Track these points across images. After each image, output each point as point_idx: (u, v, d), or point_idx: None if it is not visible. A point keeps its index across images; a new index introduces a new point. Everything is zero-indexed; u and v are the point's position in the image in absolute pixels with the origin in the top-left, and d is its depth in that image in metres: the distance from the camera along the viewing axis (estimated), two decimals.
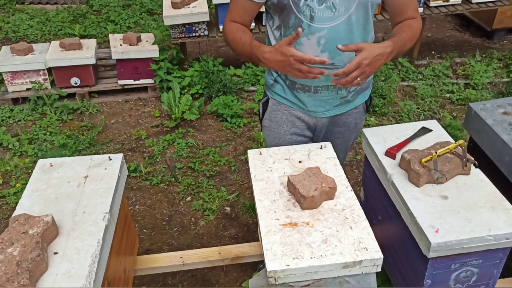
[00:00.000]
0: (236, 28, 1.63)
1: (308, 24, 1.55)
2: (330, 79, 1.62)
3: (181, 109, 3.53)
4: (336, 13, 1.53)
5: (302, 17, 1.55)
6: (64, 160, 1.67)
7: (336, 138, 1.88)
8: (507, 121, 1.86)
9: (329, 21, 1.54)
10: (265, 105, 1.85)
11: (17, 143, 3.31)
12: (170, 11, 3.72)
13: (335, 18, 1.53)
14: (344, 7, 1.52)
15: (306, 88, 1.70)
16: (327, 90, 1.69)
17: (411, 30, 1.59)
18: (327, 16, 1.53)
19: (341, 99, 1.74)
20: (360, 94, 1.79)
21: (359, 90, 1.77)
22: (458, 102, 3.75)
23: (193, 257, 1.86)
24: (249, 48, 1.56)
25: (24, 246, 1.24)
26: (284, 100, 1.78)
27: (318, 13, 1.53)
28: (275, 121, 1.83)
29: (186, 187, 2.94)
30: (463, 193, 1.49)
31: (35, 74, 3.71)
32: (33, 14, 5.40)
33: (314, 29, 1.55)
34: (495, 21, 4.59)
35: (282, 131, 1.83)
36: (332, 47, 1.57)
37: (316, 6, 1.52)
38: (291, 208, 1.43)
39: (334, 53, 1.58)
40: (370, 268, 1.28)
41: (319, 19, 1.53)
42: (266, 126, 1.88)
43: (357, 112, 1.83)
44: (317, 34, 1.56)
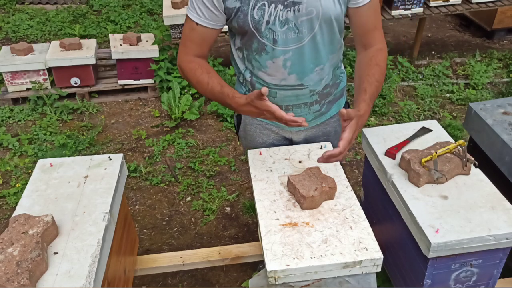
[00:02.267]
0: (196, 67, 1.52)
1: (272, 47, 1.49)
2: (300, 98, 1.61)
3: (181, 109, 3.53)
4: (300, 35, 1.47)
5: (265, 41, 1.49)
6: (64, 160, 1.67)
7: None
8: (507, 121, 1.86)
9: (294, 43, 1.48)
10: (239, 118, 1.82)
11: (17, 143, 3.31)
12: (170, 11, 3.72)
13: (299, 39, 1.48)
14: (307, 28, 1.46)
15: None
16: (299, 108, 1.65)
17: (380, 72, 1.50)
18: (290, 38, 1.47)
19: (314, 113, 1.70)
20: (334, 104, 1.74)
21: (332, 100, 1.71)
22: (458, 102, 3.75)
23: (193, 257, 1.86)
24: (221, 96, 1.48)
25: (24, 246, 1.24)
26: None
27: (281, 36, 1.47)
28: (250, 134, 1.80)
29: (186, 187, 2.94)
30: (463, 193, 1.49)
31: (35, 74, 3.71)
32: (33, 14, 5.40)
33: (279, 52, 1.50)
34: (495, 21, 4.59)
35: (258, 144, 1.80)
36: (299, 68, 1.53)
37: (278, 29, 1.45)
38: (291, 208, 1.43)
39: (302, 74, 1.54)
40: (370, 268, 1.28)
41: (283, 41, 1.48)
42: (242, 137, 1.86)
43: (335, 121, 1.78)
44: (282, 57, 1.51)
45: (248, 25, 1.46)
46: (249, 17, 1.44)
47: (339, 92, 1.73)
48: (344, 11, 1.50)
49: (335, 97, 1.73)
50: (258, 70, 1.57)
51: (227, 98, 1.46)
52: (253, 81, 1.61)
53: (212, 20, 1.49)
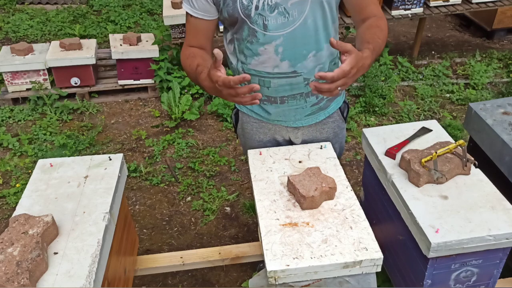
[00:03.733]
0: (188, 53, 1.53)
1: (263, 33, 1.48)
2: (294, 88, 1.59)
3: (181, 109, 3.53)
4: (290, 18, 1.45)
5: (255, 27, 1.47)
6: (64, 160, 1.67)
7: None
8: (507, 121, 1.86)
9: (284, 28, 1.46)
10: (236, 116, 1.83)
11: (17, 143, 3.31)
12: (170, 11, 3.72)
13: (290, 23, 1.46)
14: (298, 11, 1.44)
15: (272, 100, 1.64)
16: (294, 99, 1.63)
17: (381, 31, 1.47)
18: (281, 22, 1.45)
19: (312, 107, 1.67)
20: (333, 101, 1.73)
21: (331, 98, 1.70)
22: (458, 102, 3.75)
23: (193, 257, 1.86)
24: (194, 75, 1.47)
25: (24, 246, 1.24)
26: (251, 113, 1.75)
27: (271, 21, 1.45)
28: (247, 132, 1.80)
29: (186, 187, 2.94)
30: (463, 193, 1.49)
31: (35, 74, 3.71)
32: (33, 14, 5.40)
33: (270, 38, 1.48)
34: (495, 21, 4.59)
35: (255, 142, 1.80)
36: (291, 54, 1.51)
37: (268, 14, 1.44)
38: (291, 208, 1.43)
39: (295, 61, 1.52)
40: (370, 268, 1.28)
41: (273, 26, 1.46)
42: (240, 135, 1.87)
43: (333, 121, 1.76)
44: (273, 43, 1.49)
45: (237, 11, 1.45)
46: (238, 4, 1.44)
47: None
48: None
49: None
50: (251, 59, 1.55)
51: (197, 74, 1.44)
52: (246, 73, 1.57)
53: (204, 11, 1.50)
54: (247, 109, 1.75)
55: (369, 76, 3.86)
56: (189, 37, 1.57)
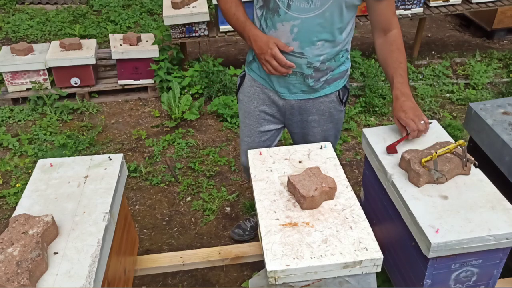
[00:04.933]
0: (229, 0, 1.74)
1: (285, 11, 1.63)
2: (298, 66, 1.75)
3: (181, 109, 3.53)
4: (312, 6, 1.60)
5: (280, 4, 1.63)
6: (64, 160, 1.67)
7: (313, 127, 1.95)
8: (507, 121, 1.86)
9: (304, 12, 1.62)
10: (242, 79, 1.98)
11: (17, 143, 3.31)
12: (170, 11, 3.72)
13: (310, 10, 1.61)
14: (320, 2, 1.60)
15: None
16: (295, 75, 1.78)
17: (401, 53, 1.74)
18: (303, 7, 1.61)
19: (308, 86, 1.81)
20: (331, 84, 1.85)
21: (329, 80, 1.83)
22: (458, 102, 3.75)
23: (193, 257, 1.86)
24: (243, 25, 1.72)
25: (24, 246, 1.24)
26: (258, 78, 1.90)
27: (295, 3, 1.61)
28: (248, 96, 1.95)
29: (186, 187, 2.94)
30: (463, 193, 1.49)
31: (35, 74, 3.71)
32: (33, 14, 5.40)
33: (289, 17, 1.64)
34: (495, 21, 4.59)
35: (252, 106, 1.95)
36: (303, 37, 1.66)
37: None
38: (291, 208, 1.43)
39: (304, 43, 1.68)
40: (370, 268, 1.28)
41: (295, 8, 1.61)
42: (240, 99, 2.03)
43: (330, 101, 1.88)
44: (291, 22, 1.64)
45: None
46: None
47: (337, 74, 1.84)
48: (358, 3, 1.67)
49: (332, 77, 1.83)
50: (269, 30, 1.71)
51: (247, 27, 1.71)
52: None
53: None
54: (255, 74, 1.91)
55: (369, 76, 3.86)
56: None
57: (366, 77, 3.87)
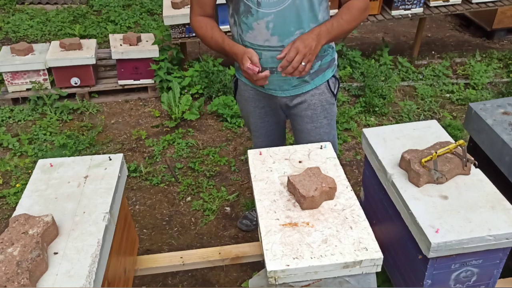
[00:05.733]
0: (204, 24, 1.79)
1: (256, 9, 1.66)
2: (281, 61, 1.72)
3: (181, 109, 3.53)
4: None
5: (250, 4, 1.66)
6: (64, 160, 1.67)
7: (306, 123, 1.95)
8: (507, 121, 1.86)
9: (275, 6, 1.65)
10: (236, 83, 2.03)
11: (17, 143, 3.31)
12: (170, 11, 3.72)
13: (280, 3, 1.64)
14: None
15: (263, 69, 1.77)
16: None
17: (348, 12, 1.68)
18: (272, 1, 1.64)
19: (297, 79, 1.82)
20: (319, 75, 1.86)
21: (318, 71, 1.84)
22: (458, 102, 3.75)
23: (193, 257, 1.86)
24: (222, 45, 1.75)
25: (24, 246, 1.24)
26: (248, 81, 1.91)
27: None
28: (245, 99, 2.01)
29: (186, 187, 2.94)
30: (463, 193, 1.49)
31: (35, 74, 3.71)
32: (33, 14, 5.40)
33: (262, 14, 1.66)
34: (495, 21, 4.59)
35: (251, 107, 2.01)
36: (280, 30, 1.68)
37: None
38: (291, 208, 1.43)
39: (283, 36, 1.69)
40: (370, 268, 1.28)
41: (266, 4, 1.65)
42: (238, 101, 2.09)
43: (321, 93, 1.89)
44: (265, 19, 1.67)
45: None
46: None
47: (325, 64, 1.86)
48: None
49: (320, 68, 1.85)
50: (246, 32, 1.74)
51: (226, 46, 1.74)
52: (243, 44, 1.77)
53: None
54: (245, 78, 1.93)
55: (369, 76, 3.86)
56: (195, 8, 1.81)
57: (366, 77, 3.87)
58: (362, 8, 1.70)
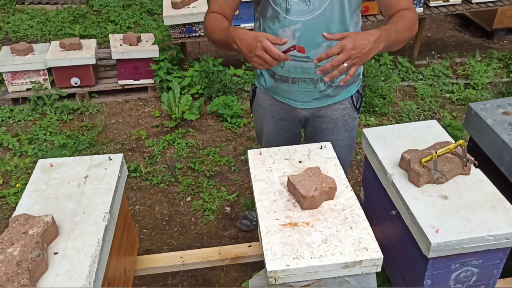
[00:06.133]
0: (215, 17, 1.65)
1: (284, 16, 1.59)
2: (305, 72, 1.68)
3: (181, 109, 3.53)
4: (311, 7, 1.56)
5: (278, 9, 1.59)
6: (64, 160, 1.67)
7: (326, 135, 1.88)
8: (507, 121, 1.86)
9: (304, 15, 1.57)
10: (254, 92, 1.94)
11: (17, 143, 3.31)
12: (170, 11, 3.72)
13: (310, 11, 1.56)
14: (319, 1, 1.55)
15: (284, 79, 1.74)
16: (304, 82, 1.72)
17: (403, 20, 1.54)
18: (302, 9, 1.56)
19: (320, 92, 1.75)
20: (343, 89, 1.79)
21: (342, 85, 1.75)
22: (458, 102, 3.75)
23: (193, 257, 1.86)
24: (226, 31, 1.54)
25: (24, 246, 1.24)
26: (267, 90, 1.86)
27: (293, 6, 1.56)
28: (262, 108, 1.92)
29: (186, 187, 2.94)
30: (463, 193, 1.49)
31: (35, 74, 3.71)
32: (33, 14, 5.40)
33: (289, 22, 1.59)
34: (495, 21, 4.59)
35: (268, 118, 1.92)
36: (307, 40, 1.60)
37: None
38: (291, 208, 1.43)
39: (309, 47, 1.61)
40: (370, 268, 1.28)
41: (295, 12, 1.57)
42: (255, 110, 1.99)
43: (344, 109, 1.82)
44: (292, 27, 1.59)
45: None
46: None
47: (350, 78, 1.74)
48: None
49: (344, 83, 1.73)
50: None
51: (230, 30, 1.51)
52: None
53: None
54: (264, 87, 1.86)
55: (369, 76, 3.86)
56: (214, 5, 1.67)
57: (366, 77, 3.87)
58: (415, 20, 1.57)
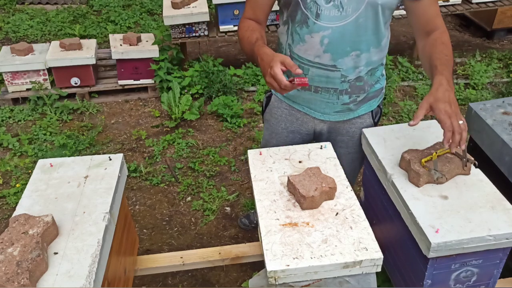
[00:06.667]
0: (247, 26, 1.61)
1: (314, 21, 1.51)
2: (330, 81, 1.62)
3: (181, 109, 3.53)
4: (343, 13, 1.48)
5: (308, 14, 1.51)
6: (64, 160, 1.67)
7: (340, 147, 1.82)
8: (507, 121, 1.86)
9: (335, 21, 1.49)
10: (268, 99, 1.86)
11: (17, 143, 3.31)
12: (170, 11, 3.72)
13: (342, 18, 1.48)
14: (352, 8, 1.47)
15: (306, 88, 1.66)
16: (327, 92, 1.66)
17: (447, 48, 1.51)
18: (333, 15, 1.48)
19: (342, 105, 1.70)
20: (365, 103, 1.74)
21: (364, 99, 1.71)
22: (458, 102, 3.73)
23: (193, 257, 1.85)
24: (252, 46, 1.52)
25: (24, 246, 1.24)
26: (284, 98, 1.78)
27: (324, 11, 1.48)
28: (275, 117, 1.84)
29: (186, 187, 2.94)
30: (463, 193, 1.49)
31: (35, 74, 3.72)
32: (33, 14, 5.40)
33: (319, 28, 1.51)
34: (495, 21, 4.60)
35: (280, 128, 1.84)
36: (335, 48, 1.53)
37: (323, 4, 1.47)
38: (291, 208, 1.43)
39: (336, 55, 1.55)
40: (370, 268, 1.28)
41: (325, 17, 1.49)
42: (266, 119, 1.90)
43: (362, 123, 1.78)
44: (321, 33, 1.52)
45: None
46: None
47: (372, 92, 1.72)
48: (396, 1, 1.51)
49: (367, 96, 1.71)
50: (297, 44, 1.59)
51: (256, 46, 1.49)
52: (290, 55, 1.63)
53: None
54: (282, 96, 1.78)
55: None
56: (248, 10, 1.64)
57: None
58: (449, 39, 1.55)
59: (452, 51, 1.54)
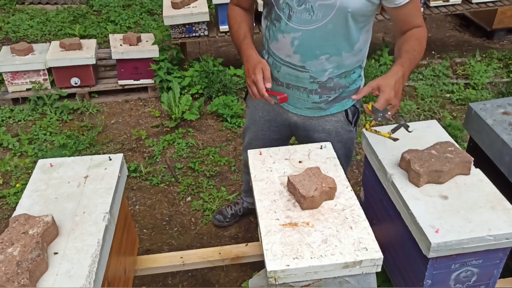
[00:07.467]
0: (235, 15, 1.70)
1: (286, 22, 1.56)
2: (299, 81, 1.67)
3: (181, 109, 3.53)
4: (314, 17, 1.52)
5: (281, 14, 1.57)
6: (64, 160, 1.67)
7: None
8: (507, 121, 1.86)
9: (306, 24, 1.54)
10: None
11: (17, 143, 3.31)
12: (170, 11, 3.72)
13: (312, 22, 1.53)
14: (322, 13, 1.50)
15: (279, 83, 1.73)
16: (298, 90, 1.71)
17: (418, 43, 1.55)
18: (304, 18, 1.53)
19: (313, 103, 1.73)
20: (338, 103, 1.76)
21: (337, 98, 1.74)
22: (458, 102, 3.75)
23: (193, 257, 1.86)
24: (240, 44, 1.63)
25: (24, 246, 1.24)
26: None
27: (296, 14, 1.53)
28: (254, 106, 1.92)
29: (186, 187, 2.94)
30: (463, 193, 1.49)
31: (35, 74, 3.71)
32: (33, 14, 5.40)
33: (290, 29, 1.56)
34: (495, 21, 4.59)
35: (257, 116, 1.91)
36: (304, 50, 1.58)
37: (295, 6, 1.52)
38: (291, 208, 1.43)
39: (305, 57, 1.60)
40: (370, 268, 1.28)
41: (296, 19, 1.54)
42: (248, 105, 1.99)
43: (337, 121, 1.79)
44: (292, 34, 1.57)
45: None
46: None
47: (346, 92, 1.74)
48: (370, 9, 1.53)
49: (340, 96, 1.74)
50: (272, 41, 1.65)
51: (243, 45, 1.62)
52: (269, 50, 1.70)
53: None
54: None
55: (369, 76, 3.86)
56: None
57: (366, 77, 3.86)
58: (426, 36, 1.59)
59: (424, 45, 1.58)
